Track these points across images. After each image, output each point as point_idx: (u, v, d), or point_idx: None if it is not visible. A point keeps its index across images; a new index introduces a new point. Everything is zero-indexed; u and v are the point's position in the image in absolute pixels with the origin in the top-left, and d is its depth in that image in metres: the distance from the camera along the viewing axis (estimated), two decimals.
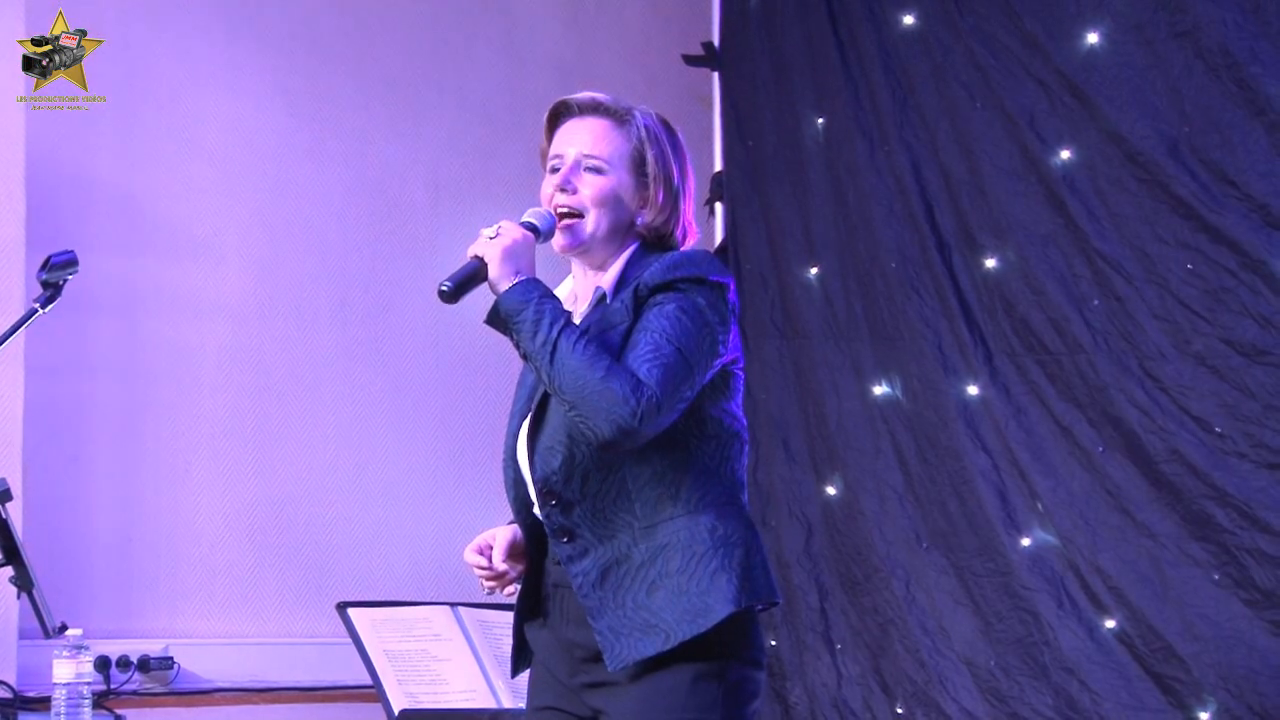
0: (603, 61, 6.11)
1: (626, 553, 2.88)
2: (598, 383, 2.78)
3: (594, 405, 2.78)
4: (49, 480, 5.21)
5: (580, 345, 2.81)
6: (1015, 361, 5.11)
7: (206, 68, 5.54)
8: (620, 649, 2.85)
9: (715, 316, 2.90)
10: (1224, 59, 4.67)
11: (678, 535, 2.87)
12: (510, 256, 2.88)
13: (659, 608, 2.85)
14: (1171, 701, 4.67)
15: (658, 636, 2.84)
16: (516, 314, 2.85)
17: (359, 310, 5.70)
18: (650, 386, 2.79)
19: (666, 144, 3.02)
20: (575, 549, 2.90)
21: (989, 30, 5.22)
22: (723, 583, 2.85)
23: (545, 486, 2.90)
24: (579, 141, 3.00)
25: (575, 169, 2.99)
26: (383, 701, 4.36)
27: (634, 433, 2.78)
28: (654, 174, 2.99)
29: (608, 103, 3.02)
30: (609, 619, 2.86)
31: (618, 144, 3.00)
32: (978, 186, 5.23)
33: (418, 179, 5.83)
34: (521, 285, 2.86)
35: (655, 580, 2.86)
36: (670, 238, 3.03)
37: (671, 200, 3.01)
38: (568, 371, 2.80)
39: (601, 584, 2.88)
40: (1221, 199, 4.66)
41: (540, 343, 2.82)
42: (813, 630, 5.45)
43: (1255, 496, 4.56)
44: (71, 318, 5.08)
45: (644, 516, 2.88)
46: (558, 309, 2.85)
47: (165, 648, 5.32)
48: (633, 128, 3.00)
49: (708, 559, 2.86)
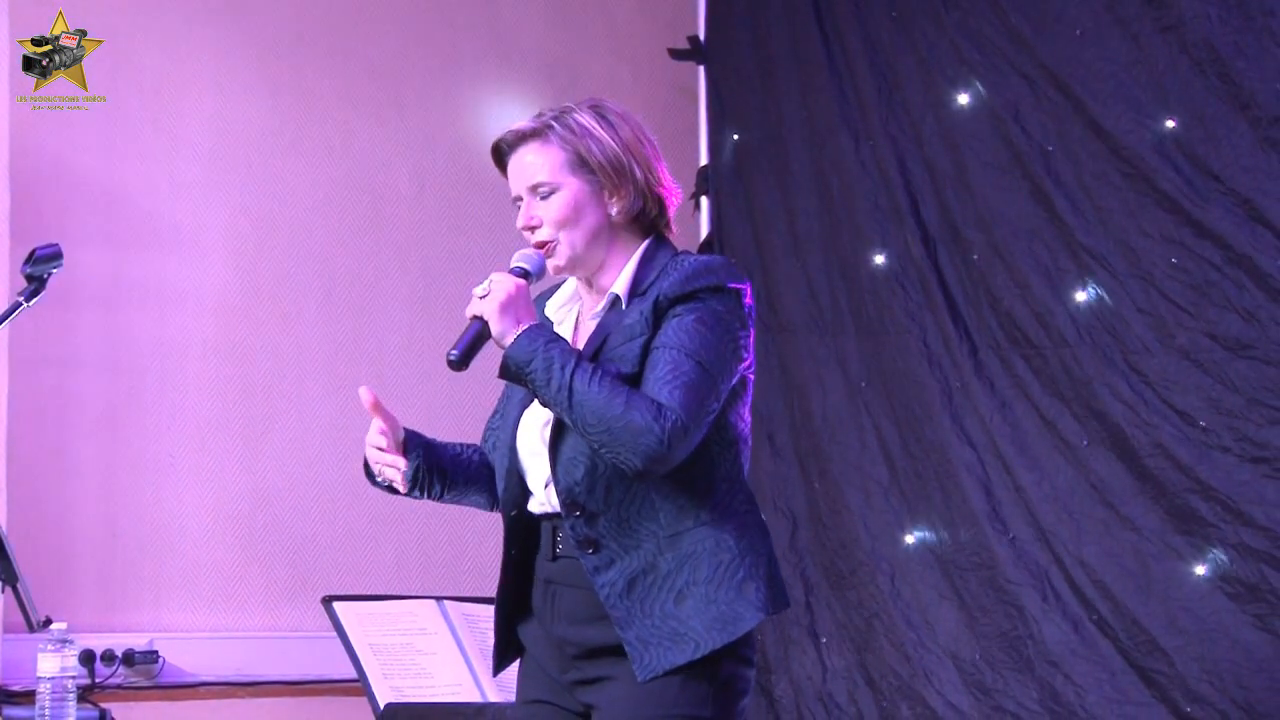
0: (588, 55, 6.10)
1: (653, 562, 2.88)
2: (619, 417, 2.78)
3: (620, 440, 2.78)
4: (33, 474, 5.20)
5: (596, 382, 2.80)
6: (1000, 355, 5.11)
7: (191, 62, 5.54)
8: (649, 659, 2.85)
9: (735, 322, 2.90)
10: (1209, 53, 4.67)
11: (703, 544, 2.88)
12: (507, 310, 2.87)
13: (687, 616, 2.85)
14: (1155, 695, 4.68)
15: (687, 645, 2.85)
16: (526, 365, 2.84)
17: (343, 303, 5.70)
18: (674, 409, 2.79)
19: (599, 129, 2.99)
20: (601, 559, 2.89)
21: (974, 24, 5.22)
22: (751, 591, 2.87)
23: (569, 498, 2.90)
24: (522, 176, 3.00)
25: (531, 202, 2.99)
26: (368, 695, 4.36)
27: (665, 458, 2.79)
28: (598, 166, 2.97)
29: (526, 127, 3.01)
30: (637, 629, 2.86)
31: (551, 158, 2.98)
32: (962, 180, 5.23)
33: (402, 173, 5.83)
34: (525, 336, 2.85)
35: (683, 589, 2.87)
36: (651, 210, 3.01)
37: (628, 179, 2.98)
38: (588, 411, 2.80)
39: (629, 594, 2.88)
40: (1206, 193, 4.66)
41: (555, 389, 2.81)
42: (798, 624, 5.46)
43: (1239, 490, 4.56)
44: (56, 311, 5.08)
45: (668, 525, 2.88)
46: (566, 350, 2.84)
47: (150, 641, 5.32)
48: (556, 136, 2.98)
49: (735, 567, 2.87)
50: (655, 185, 3.02)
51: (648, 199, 3.01)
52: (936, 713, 5.09)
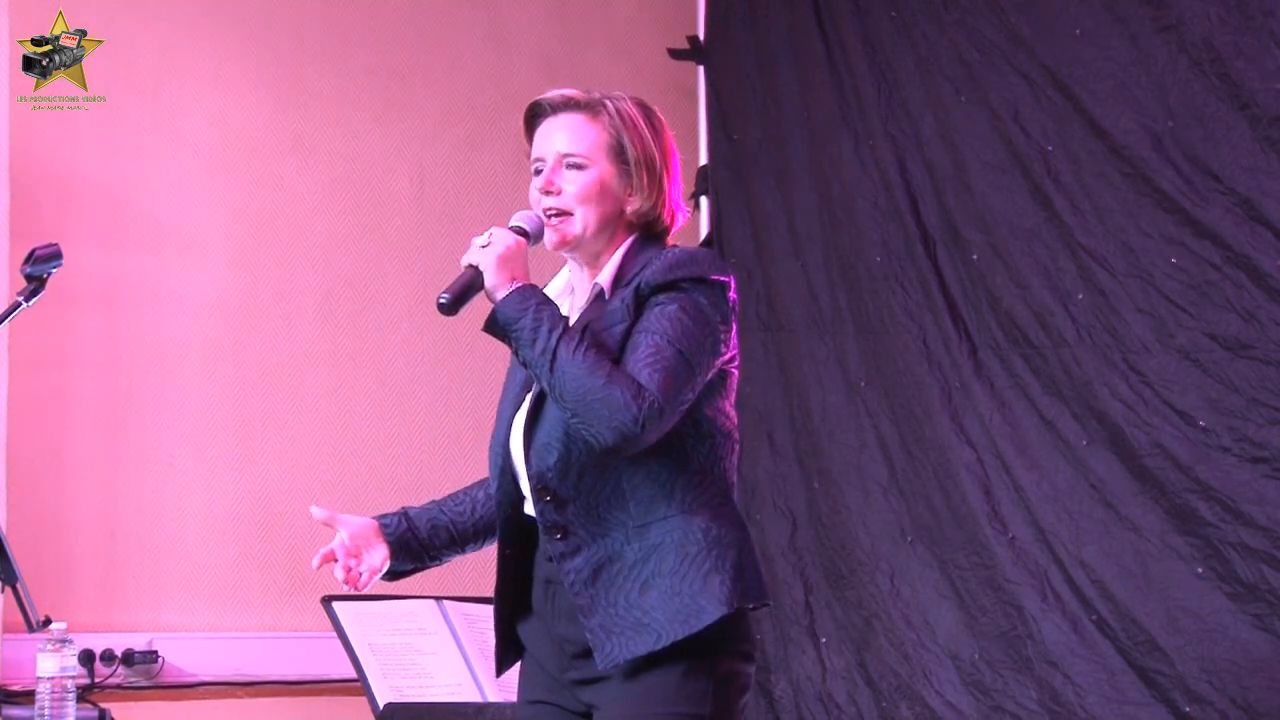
0: (588, 54, 6.10)
1: (619, 551, 2.87)
2: (599, 390, 2.77)
3: (596, 413, 2.78)
4: (33, 474, 5.20)
5: (580, 352, 2.80)
6: (999, 355, 5.11)
7: (190, 61, 5.54)
8: (610, 648, 2.85)
9: (717, 315, 2.89)
10: (1208, 53, 4.67)
11: (671, 535, 2.87)
12: (505, 264, 2.87)
13: (650, 607, 2.84)
14: (1155, 695, 4.68)
15: (649, 636, 2.83)
16: (514, 322, 2.83)
17: (343, 304, 5.70)
18: (652, 392, 2.78)
19: (645, 128, 2.99)
20: (568, 546, 2.89)
21: (973, 24, 5.22)
22: (715, 584, 2.85)
23: (540, 482, 2.89)
24: (557, 140, 2.97)
25: (557, 169, 2.97)
26: (368, 695, 4.36)
27: (636, 438, 2.78)
28: (635, 161, 2.97)
29: (580, 97, 2.99)
30: (600, 617, 2.86)
31: (595, 137, 2.97)
32: (962, 180, 5.23)
33: (402, 172, 5.83)
34: (518, 293, 2.85)
35: (648, 580, 2.86)
36: (659, 222, 3.01)
37: (657, 184, 2.98)
38: (568, 379, 2.79)
39: (593, 582, 2.87)
40: (1205, 193, 4.66)
41: (539, 351, 2.81)
42: (797, 624, 5.46)
43: (1238, 490, 4.56)
44: (55, 312, 5.08)
45: (637, 515, 2.87)
46: (555, 315, 2.84)
47: (149, 641, 5.32)
48: (607, 117, 2.98)
49: (701, 560, 2.86)
50: (670, 197, 3.02)
51: (662, 210, 3.01)
52: (936, 712, 5.09)
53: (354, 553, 3.14)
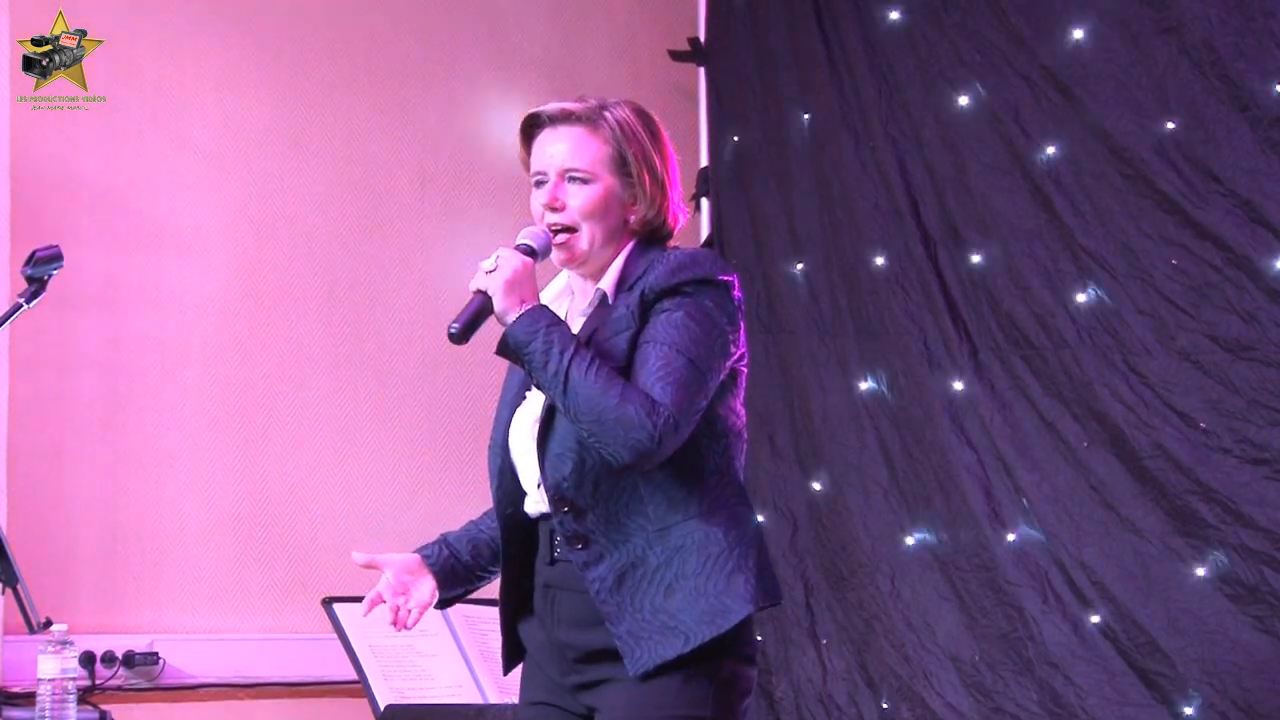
0: (588, 56, 6.10)
1: (642, 556, 2.87)
2: (613, 409, 2.78)
3: (611, 432, 2.78)
4: (33, 475, 5.20)
5: (593, 372, 2.80)
6: (1000, 357, 5.11)
7: (191, 62, 5.54)
8: (640, 653, 2.85)
9: (724, 317, 2.89)
10: (1209, 55, 4.68)
11: (692, 537, 2.87)
12: (513, 288, 2.86)
13: (677, 609, 2.85)
14: (1155, 696, 4.68)
15: (678, 639, 2.84)
16: (525, 345, 2.83)
17: (344, 305, 5.70)
18: (666, 406, 2.78)
19: (644, 136, 2.98)
20: (590, 555, 2.89)
21: (974, 25, 5.22)
22: (740, 583, 2.86)
23: (557, 493, 2.89)
24: (558, 155, 2.96)
25: (560, 184, 2.96)
26: (369, 697, 4.36)
27: (654, 454, 2.79)
28: (637, 171, 2.96)
29: (578, 109, 2.97)
30: (628, 623, 2.86)
31: (596, 150, 2.95)
32: (963, 182, 5.23)
33: (404, 173, 5.83)
34: (528, 315, 2.84)
35: (672, 583, 2.86)
36: (664, 227, 3.00)
37: (660, 191, 2.98)
38: (582, 399, 2.79)
39: (619, 589, 2.87)
40: (1206, 195, 4.67)
41: (552, 373, 2.81)
42: (798, 625, 5.46)
43: (1239, 492, 4.57)
44: (56, 313, 5.08)
45: (657, 519, 2.88)
46: (566, 335, 2.84)
47: (150, 643, 5.31)
48: (607, 129, 2.96)
49: (724, 560, 2.86)
50: (671, 201, 3.01)
51: (665, 215, 3.00)
52: (936, 714, 5.09)
53: (401, 590, 3.13)
